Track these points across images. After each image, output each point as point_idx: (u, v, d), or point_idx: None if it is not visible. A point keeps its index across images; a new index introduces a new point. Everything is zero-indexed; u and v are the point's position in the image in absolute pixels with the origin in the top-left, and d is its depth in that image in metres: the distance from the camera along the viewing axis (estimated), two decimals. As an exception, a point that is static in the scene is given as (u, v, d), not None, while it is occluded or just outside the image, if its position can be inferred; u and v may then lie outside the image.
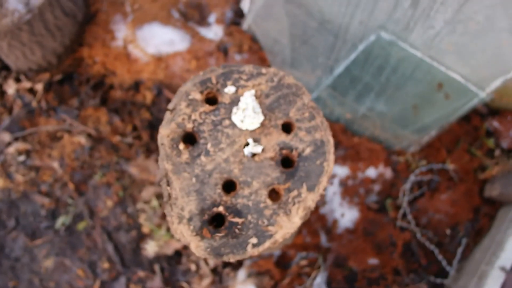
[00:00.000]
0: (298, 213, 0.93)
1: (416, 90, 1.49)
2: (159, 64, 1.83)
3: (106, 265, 1.74)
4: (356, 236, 1.82)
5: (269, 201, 0.92)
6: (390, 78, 1.49)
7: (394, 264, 1.80)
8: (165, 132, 0.92)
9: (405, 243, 1.82)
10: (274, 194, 0.97)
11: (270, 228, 0.92)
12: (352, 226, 1.84)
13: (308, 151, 0.96)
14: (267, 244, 0.93)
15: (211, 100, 0.99)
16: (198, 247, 0.90)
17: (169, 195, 0.91)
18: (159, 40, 1.84)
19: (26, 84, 1.77)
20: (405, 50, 1.36)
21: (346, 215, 1.84)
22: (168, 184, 0.91)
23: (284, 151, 0.95)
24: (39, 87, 1.78)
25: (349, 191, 1.85)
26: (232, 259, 0.91)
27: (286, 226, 0.93)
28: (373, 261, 1.80)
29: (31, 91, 1.80)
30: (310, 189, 0.94)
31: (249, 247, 0.92)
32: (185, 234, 0.90)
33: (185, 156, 0.92)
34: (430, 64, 1.37)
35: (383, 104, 1.62)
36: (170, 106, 0.95)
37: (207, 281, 1.71)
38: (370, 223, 1.83)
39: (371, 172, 1.85)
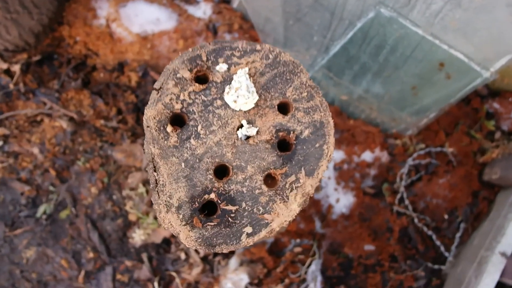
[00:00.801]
0: (296, 199, 0.87)
1: (416, 70, 1.42)
2: (144, 44, 1.73)
3: (91, 254, 1.66)
4: (351, 222, 1.76)
5: (264, 187, 0.85)
6: (388, 57, 1.42)
7: (391, 250, 1.75)
8: (151, 113, 0.85)
9: (402, 229, 1.77)
10: (270, 180, 0.90)
11: (266, 216, 0.85)
12: (347, 211, 1.78)
13: (306, 133, 0.89)
14: (263, 233, 0.86)
15: (201, 78, 0.91)
16: (188, 237, 0.83)
17: (156, 182, 0.83)
18: (144, 18, 1.74)
19: (3, 65, 1.67)
20: (406, 28, 1.29)
21: (341, 200, 1.78)
22: (155, 169, 0.84)
23: (280, 133, 0.87)
24: (16, 68, 1.67)
25: (344, 175, 1.79)
26: (225, 250, 0.85)
27: (284, 214, 0.86)
28: (369, 247, 1.75)
29: (8, 72, 1.69)
30: (309, 174, 0.88)
31: (243, 237, 0.85)
32: (173, 224, 0.83)
33: (173, 139, 0.84)
34: (432, 42, 1.30)
35: (381, 85, 1.55)
36: (157, 85, 0.87)
37: (197, 270, 1.64)
38: (366, 208, 1.78)
39: (367, 156, 1.79)
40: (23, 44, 1.64)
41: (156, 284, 1.64)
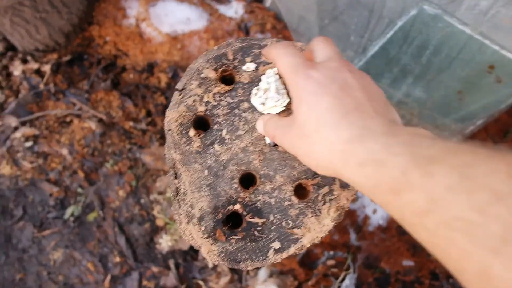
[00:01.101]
0: (330, 214, 0.78)
1: (462, 73, 1.31)
2: (174, 44, 1.69)
3: (117, 259, 1.63)
4: (389, 235, 1.66)
5: (295, 199, 0.78)
6: (432, 59, 1.31)
7: (432, 267, 1.63)
8: (173, 116, 0.79)
9: (442, 243, 1.65)
10: (301, 191, 0.82)
11: (296, 231, 0.78)
12: (384, 223, 1.68)
13: (342, 140, 0.80)
14: (292, 249, 0.78)
15: (227, 79, 0.84)
16: (210, 251, 0.76)
17: (177, 190, 0.77)
18: (174, 18, 1.69)
19: (33, 65, 1.66)
20: (452, 26, 1.18)
21: (379, 212, 1.68)
22: (176, 177, 0.77)
23: (313, 140, 0.79)
24: (47, 68, 1.66)
25: (381, 184, 1.68)
26: (250, 266, 0.77)
27: (315, 229, 0.78)
28: (408, 263, 1.64)
29: (39, 72, 1.68)
30: (344, 185, 0.79)
31: (270, 253, 0.78)
32: (195, 236, 0.76)
33: (196, 144, 0.78)
34: (481, 42, 1.19)
35: (423, 89, 1.44)
36: (179, 85, 0.81)
37: (225, 279, 1.58)
38: (404, 220, 1.67)
39: (406, 164, 1.68)
40: (53, 44, 1.62)
41: (182, 292, 1.59)
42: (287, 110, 0.79)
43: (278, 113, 0.79)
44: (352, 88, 0.51)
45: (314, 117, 0.50)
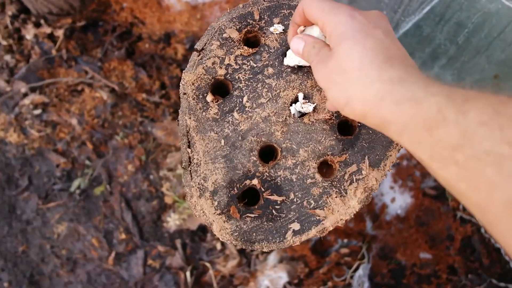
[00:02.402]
0: (357, 195, 0.71)
1: (502, 55, 1.21)
2: (194, 14, 1.60)
3: (123, 236, 1.57)
4: (407, 226, 1.58)
5: (318, 177, 0.70)
6: (470, 39, 1.22)
7: (450, 261, 1.55)
8: (190, 78, 0.71)
9: (465, 238, 1.56)
10: (325, 168, 0.75)
11: (318, 212, 0.70)
12: (403, 213, 1.59)
13: (375, 114, 0.72)
14: (313, 232, 0.71)
15: (252, 41, 0.77)
16: (222, 229, 0.69)
17: (190, 160, 0.70)
18: (196, -14, 1.61)
19: (46, 30, 1.59)
20: (497, 2, 1.08)
21: (397, 200, 1.60)
22: (189, 145, 0.70)
23: (343, 113, 0.71)
24: (60, 33, 1.59)
25: (402, 172, 1.60)
26: (265, 248, 0.70)
27: (340, 211, 0.71)
28: (425, 255, 1.56)
29: (51, 37, 1.62)
30: (374, 164, 0.72)
31: (288, 235, 0.70)
32: (206, 212, 0.69)
33: (213, 110, 0.70)
34: (528, 21, 1.09)
35: (456, 72, 1.35)
36: (198, 45, 0.73)
37: (233, 262, 1.51)
38: (424, 211, 1.58)
39: (431, 153, 1.59)
40: (67, 8, 1.55)
41: (188, 273, 1.52)
42: None
43: (306, 81, 0.72)
44: (393, 37, 0.52)
45: (357, 54, 0.49)
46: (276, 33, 0.73)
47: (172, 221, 1.54)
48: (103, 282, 1.56)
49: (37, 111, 1.60)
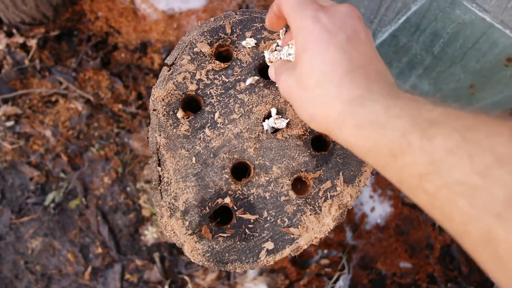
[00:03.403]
0: (331, 212, 0.69)
1: (477, 65, 1.22)
2: (170, 23, 1.58)
3: (99, 250, 1.53)
4: (387, 235, 1.57)
5: (292, 194, 0.69)
6: (445, 49, 1.22)
7: (430, 270, 1.55)
8: (160, 94, 0.69)
9: (444, 246, 1.57)
10: (300, 185, 0.73)
11: (292, 230, 0.69)
12: (382, 222, 1.59)
13: (349, 129, 0.71)
14: (287, 251, 0.69)
15: (223, 55, 0.75)
16: (194, 250, 0.67)
17: (160, 178, 0.68)
18: (172, -5, 1.59)
19: (19, 39, 1.55)
20: (471, 13, 1.09)
21: (377, 210, 1.60)
22: (159, 163, 0.68)
23: (316, 128, 0.70)
24: (33, 43, 1.55)
25: (381, 182, 1.60)
26: (239, 268, 0.68)
27: (314, 228, 0.69)
28: (405, 264, 1.56)
29: (24, 47, 1.58)
30: (349, 180, 0.70)
31: (262, 254, 0.69)
32: (177, 232, 0.67)
33: (184, 127, 0.69)
34: (501, 31, 1.09)
35: (432, 82, 1.35)
36: (168, 60, 0.71)
37: (212, 276, 1.49)
38: (404, 220, 1.58)
39: (410, 162, 1.60)
40: (40, 17, 1.51)
41: (166, 287, 1.49)
42: None
43: (278, 97, 0.70)
44: (360, 40, 0.49)
45: (316, 70, 0.47)
46: (249, 47, 0.71)
47: (150, 234, 1.51)
48: (79, 298, 1.52)
49: (10, 123, 1.56)
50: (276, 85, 0.70)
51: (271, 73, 0.65)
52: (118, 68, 1.60)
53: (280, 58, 0.67)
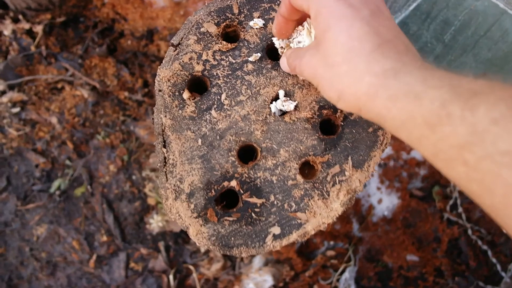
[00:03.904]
0: (339, 197, 0.68)
1: (489, 54, 1.19)
2: (177, 10, 1.57)
3: (104, 238, 1.53)
4: (394, 227, 1.55)
5: (300, 178, 0.67)
6: (456, 37, 1.20)
7: (437, 263, 1.53)
8: (165, 74, 0.68)
9: (452, 240, 1.55)
10: (307, 169, 0.72)
11: (299, 215, 0.67)
12: (390, 214, 1.57)
13: (358, 113, 0.69)
14: (294, 236, 0.68)
15: (230, 36, 0.73)
16: (199, 233, 0.66)
17: (165, 160, 0.67)
18: (179, -18, 1.57)
19: (25, 25, 1.54)
20: (484, -1, 1.06)
21: (384, 202, 1.58)
22: (165, 145, 0.67)
23: (325, 111, 0.69)
24: (39, 29, 1.54)
25: (389, 173, 1.58)
26: (244, 253, 0.67)
27: (322, 213, 0.68)
28: (412, 257, 1.54)
29: (30, 33, 1.57)
30: (358, 165, 0.69)
31: (268, 239, 0.67)
32: (182, 215, 0.66)
33: (190, 108, 0.67)
34: (515, 19, 1.07)
35: (443, 72, 1.33)
36: (175, 40, 0.69)
37: (217, 265, 1.48)
38: (411, 213, 1.56)
39: (418, 153, 1.57)
40: (46, 3, 1.50)
41: (171, 276, 1.49)
42: (297, 76, 0.69)
43: (287, 79, 0.69)
44: (384, 15, 0.48)
45: (343, 45, 0.46)
46: (256, 28, 0.70)
47: (155, 223, 1.51)
48: (84, 286, 1.51)
49: (16, 110, 1.55)
50: None
51: (284, 63, 0.63)
52: (124, 55, 1.58)
53: (290, 46, 0.65)
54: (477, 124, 0.34)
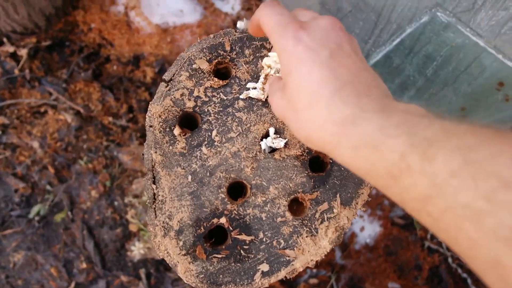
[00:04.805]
0: (328, 234, 0.69)
1: (468, 88, 1.23)
2: (164, 37, 1.58)
3: (84, 265, 1.50)
4: (376, 255, 1.56)
5: (289, 215, 0.68)
6: (438, 71, 1.23)
7: (419, 291, 1.54)
8: (157, 110, 0.68)
9: (432, 268, 1.56)
10: (296, 206, 0.72)
11: (288, 252, 0.68)
12: (372, 242, 1.58)
13: (347, 151, 0.70)
14: (282, 273, 0.68)
15: (222, 72, 0.74)
16: (187, 271, 0.66)
17: (154, 196, 0.66)
18: (166, 9, 1.58)
19: (9, 48, 1.53)
20: (465, 37, 1.10)
21: (366, 230, 1.59)
22: (154, 181, 0.67)
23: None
24: (24, 52, 1.53)
25: (371, 201, 1.60)
26: (233, 291, 0.67)
27: (310, 251, 0.68)
28: (393, 285, 1.55)
29: (14, 56, 1.55)
30: (346, 203, 0.70)
31: (257, 276, 0.67)
32: (171, 252, 0.66)
33: (181, 144, 0.67)
34: (494, 56, 1.11)
35: (424, 104, 1.36)
36: (166, 75, 0.70)
37: (199, 293, 1.46)
38: (393, 240, 1.58)
39: (400, 182, 1.60)
40: (32, 27, 1.49)
41: (152, 305, 1.46)
42: None
43: (276, 117, 0.70)
44: (344, 53, 0.47)
45: (304, 92, 0.47)
46: (247, 66, 0.71)
47: (137, 250, 1.49)
48: (61, 314, 1.48)
49: (-4, 133, 1.53)
50: None
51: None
52: (110, 80, 1.58)
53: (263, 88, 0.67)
54: (436, 176, 0.34)
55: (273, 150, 0.70)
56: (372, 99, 0.44)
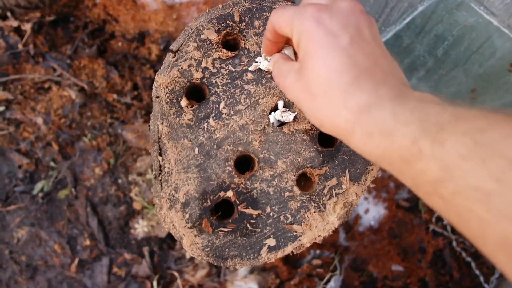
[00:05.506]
0: (336, 210, 0.68)
1: (480, 69, 1.21)
2: (170, 14, 1.55)
3: (87, 242, 1.50)
4: (380, 237, 1.56)
5: (297, 190, 0.67)
6: (449, 51, 1.21)
7: (422, 274, 1.54)
8: (163, 81, 0.66)
9: (436, 251, 1.56)
10: (304, 181, 0.71)
11: (295, 227, 0.67)
12: (376, 224, 1.58)
13: (357, 126, 0.69)
14: (289, 248, 0.67)
15: (231, 44, 0.73)
16: (193, 244, 0.65)
17: (160, 168, 0.65)
18: (173, -15, 1.56)
19: (13, 23, 1.51)
20: (478, 15, 1.08)
21: (371, 212, 1.58)
22: (160, 153, 0.65)
23: (324, 123, 0.68)
24: (28, 27, 1.51)
25: (377, 183, 1.58)
26: (238, 265, 0.66)
27: (318, 226, 0.67)
28: (397, 267, 1.55)
29: (18, 31, 1.53)
30: (355, 179, 0.69)
31: (263, 251, 0.66)
32: (176, 225, 0.65)
33: (188, 116, 0.66)
34: (508, 36, 1.08)
35: (434, 85, 1.34)
36: (174, 46, 0.68)
37: (202, 272, 1.46)
38: (398, 223, 1.57)
39: (406, 165, 1.58)
40: (36, 1, 1.47)
41: (155, 282, 1.46)
42: None
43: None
44: (364, 39, 0.47)
45: (322, 76, 0.46)
46: (256, 37, 0.69)
47: (140, 227, 1.48)
48: (65, 290, 1.48)
49: (0, 108, 1.51)
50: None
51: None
52: (115, 57, 1.56)
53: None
54: (447, 159, 0.35)
55: (281, 123, 0.68)
56: (388, 87, 0.44)
